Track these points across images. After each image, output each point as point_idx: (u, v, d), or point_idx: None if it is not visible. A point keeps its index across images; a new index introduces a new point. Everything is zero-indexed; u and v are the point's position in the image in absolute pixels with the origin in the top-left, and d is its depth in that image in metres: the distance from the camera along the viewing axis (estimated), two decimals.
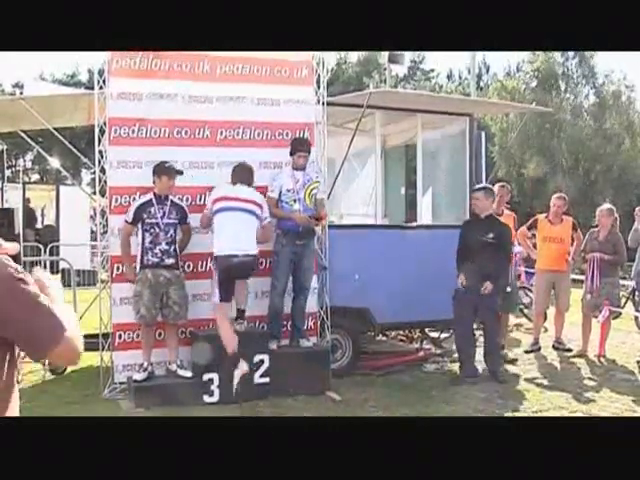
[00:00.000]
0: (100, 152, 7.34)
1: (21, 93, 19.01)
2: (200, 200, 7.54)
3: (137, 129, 7.36)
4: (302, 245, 7.55)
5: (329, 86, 8.46)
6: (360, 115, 8.23)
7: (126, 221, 7.07)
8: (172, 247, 7.09)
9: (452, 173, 9.89)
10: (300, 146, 7.59)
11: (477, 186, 8.52)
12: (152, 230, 7.00)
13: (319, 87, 8.06)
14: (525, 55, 30.69)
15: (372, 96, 8.30)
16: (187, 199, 7.50)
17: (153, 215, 7.01)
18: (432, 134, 9.90)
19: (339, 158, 8.71)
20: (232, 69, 7.76)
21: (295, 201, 7.49)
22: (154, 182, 7.09)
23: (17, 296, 1.94)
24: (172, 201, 7.15)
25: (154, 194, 7.09)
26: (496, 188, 9.24)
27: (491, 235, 7.78)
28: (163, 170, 7.06)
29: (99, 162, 7.37)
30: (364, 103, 8.21)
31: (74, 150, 9.27)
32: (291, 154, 7.60)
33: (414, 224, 9.28)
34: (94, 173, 7.66)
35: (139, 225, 7.04)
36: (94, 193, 8.74)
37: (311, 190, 7.59)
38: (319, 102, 8.07)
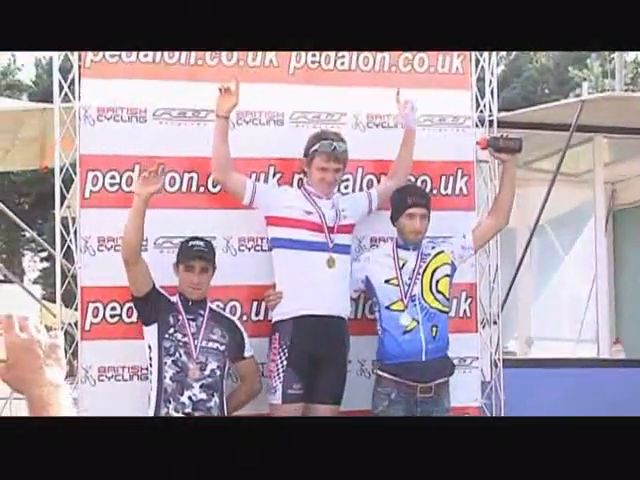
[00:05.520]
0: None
1: None
2: None
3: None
4: (427, 401, 4.09)
5: (501, 91, 5.52)
6: (565, 145, 5.20)
7: None
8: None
9: None
10: (415, 196, 4.11)
11: None
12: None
13: (482, 95, 4.52)
14: None
15: (587, 106, 5.10)
16: None
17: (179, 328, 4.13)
18: None
19: (522, 228, 6.24)
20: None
21: (404, 305, 4.04)
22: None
23: None
24: (211, 309, 4.18)
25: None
26: None
27: None
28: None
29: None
30: (572, 122, 5.11)
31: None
32: (392, 219, 4.16)
33: None
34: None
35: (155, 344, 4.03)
36: None
37: (433, 271, 4.09)
38: (482, 123, 4.51)
